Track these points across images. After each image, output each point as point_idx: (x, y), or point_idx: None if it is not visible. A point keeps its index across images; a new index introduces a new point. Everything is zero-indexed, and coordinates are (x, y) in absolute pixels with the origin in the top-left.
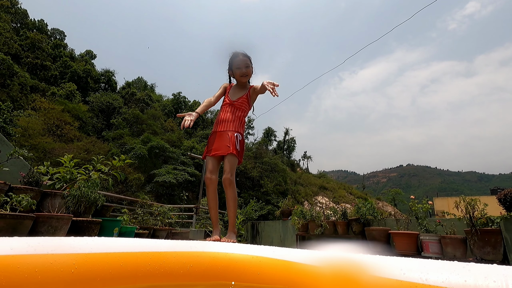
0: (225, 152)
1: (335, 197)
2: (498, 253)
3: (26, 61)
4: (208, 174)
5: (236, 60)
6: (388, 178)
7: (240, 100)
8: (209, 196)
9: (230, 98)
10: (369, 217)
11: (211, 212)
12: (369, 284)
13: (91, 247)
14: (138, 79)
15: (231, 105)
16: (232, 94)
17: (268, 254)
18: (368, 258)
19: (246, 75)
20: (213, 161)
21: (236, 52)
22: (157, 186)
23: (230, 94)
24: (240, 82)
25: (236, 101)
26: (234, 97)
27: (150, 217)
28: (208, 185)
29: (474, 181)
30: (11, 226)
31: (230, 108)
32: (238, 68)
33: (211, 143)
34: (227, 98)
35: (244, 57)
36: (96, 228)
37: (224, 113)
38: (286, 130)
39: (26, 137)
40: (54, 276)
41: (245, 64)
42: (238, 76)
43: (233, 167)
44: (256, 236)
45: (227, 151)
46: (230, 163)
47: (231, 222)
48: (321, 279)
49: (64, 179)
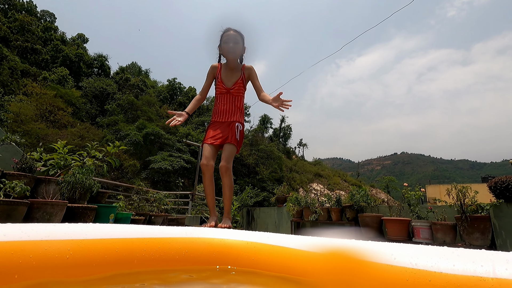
0: (224, 141)
1: (330, 184)
2: (486, 239)
3: (16, 44)
4: (204, 161)
5: (225, 35)
6: (382, 165)
7: (237, 87)
8: (205, 183)
9: (224, 85)
10: (362, 203)
11: (208, 199)
12: (361, 269)
13: (86, 233)
14: (132, 64)
15: (227, 93)
16: (225, 77)
17: (263, 240)
18: (360, 244)
19: (233, 52)
20: (211, 148)
21: (228, 28)
22: (153, 172)
23: (223, 78)
24: (230, 61)
25: (233, 88)
26: (228, 82)
27: (146, 203)
28: (204, 171)
29: (466, 169)
30: (5, 212)
31: (228, 97)
32: (226, 43)
33: (210, 132)
34: (221, 84)
35: (235, 33)
36: (92, 214)
37: (222, 104)
38: (282, 118)
39: (18, 122)
40: (49, 262)
41: (234, 39)
42: (225, 52)
43: (231, 156)
44: (251, 222)
45: (226, 140)
46: (229, 151)
47: (226, 209)
48: (314, 264)
49: (58, 166)
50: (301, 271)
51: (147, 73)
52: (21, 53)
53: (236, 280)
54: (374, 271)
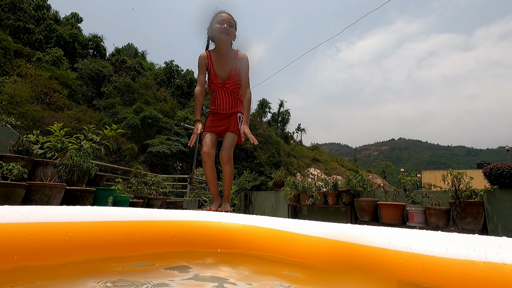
0: (226, 130)
1: (327, 169)
2: (479, 224)
3: (8, 23)
4: (205, 148)
5: (219, 15)
6: (379, 151)
7: (232, 81)
8: (207, 171)
9: (218, 78)
10: (359, 188)
11: (211, 187)
12: (356, 252)
13: (84, 216)
14: (128, 46)
15: (223, 88)
16: (218, 68)
17: (260, 223)
18: (355, 228)
19: (225, 33)
20: (212, 136)
21: (222, 10)
22: (151, 156)
23: (216, 70)
24: (221, 44)
25: (228, 82)
26: (222, 73)
27: (145, 186)
28: (206, 160)
29: (462, 155)
30: (3, 195)
31: (224, 91)
32: (220, 23)
33: (210, 121)
34: (214, 78)
35: (229, 16)
36: (90, 197)
37: (220, 98)
38: (280, 102)
39: (14, 104)
40: (47, 243)
41: (228, 21)
42: (217, 33)
43: (232, 144)
44: (249, 206)
45: (228, 129)
46: (230, 140)
47: (226, 194)
48: (309, 247)
49: (55, 148)
50: (296, 252)
51: (144, 55)
52: (14, 32)
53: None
54: (369, 254)
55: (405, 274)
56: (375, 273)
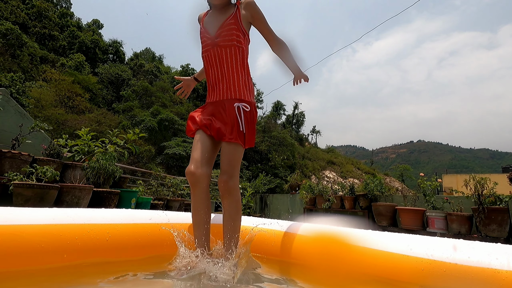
0: (220, 136)
1: (343, 172)
2: (504, 231)
3: (34, 30)
4: (192, 166)
5: None
6: (397, 154)
7: (225, 31)
8: (194, 203)
9: (209, 34)
10: (376, 193)
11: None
12: (377, 258)
13: (121, 218)
14: (146, 50)
15: (213, 47)
16: (208, 22)
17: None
18: (374, 234)
19: None
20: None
21: None
22: (167, 158)
23: (206, 24)
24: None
25: (219, 34)
26: (213, 27)
27: (163, 188)
28: (193, 183)
29: (486, 158)
30: (38, 196)
31: (215, 54)
32: None
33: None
34: (204, 34)
35: None
36: (115, 198)
37: (209, 68)
38: (295, 104)
39: (39, 108)
40: (92, 243)
41: None
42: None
43: (234, 163)
44: (264, 209)
45: (223, 137)
46: (229, 156)
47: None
48: (318, 251)
49: (83, 152)
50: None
51: (161, 59)
52: (40, 39)
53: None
54: (391, 260)
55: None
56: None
